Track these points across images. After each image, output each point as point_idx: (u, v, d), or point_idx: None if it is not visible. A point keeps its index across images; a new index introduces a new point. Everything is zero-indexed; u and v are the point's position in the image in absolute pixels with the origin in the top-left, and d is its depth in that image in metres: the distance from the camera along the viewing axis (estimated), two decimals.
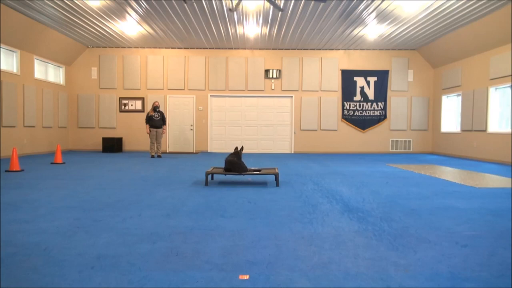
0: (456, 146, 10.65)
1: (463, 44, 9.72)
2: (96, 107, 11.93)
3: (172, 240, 2.51)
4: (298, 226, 2.89)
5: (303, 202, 3.85)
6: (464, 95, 10.27)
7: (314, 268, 2.01)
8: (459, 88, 10.56)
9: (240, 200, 3.94)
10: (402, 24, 9.12)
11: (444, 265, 2.07)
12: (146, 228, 2.79)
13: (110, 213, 3.29)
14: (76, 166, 7.35)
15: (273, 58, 11.94)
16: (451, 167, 7.60)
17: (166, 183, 5.15)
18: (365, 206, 3.68)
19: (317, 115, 12.00)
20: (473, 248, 2.38)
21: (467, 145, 10.11)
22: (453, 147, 10.79)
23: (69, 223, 2.92)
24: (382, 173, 6.50)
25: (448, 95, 11.22)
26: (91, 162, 8.15)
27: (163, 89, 11.94)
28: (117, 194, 4.23)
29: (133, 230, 2.72)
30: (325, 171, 6.77)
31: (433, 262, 2.12)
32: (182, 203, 3.76)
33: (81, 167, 7.08)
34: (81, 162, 8.10)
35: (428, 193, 4.44)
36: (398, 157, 10.27)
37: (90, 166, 7.40)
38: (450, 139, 10.98)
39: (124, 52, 11.91)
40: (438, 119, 11.71)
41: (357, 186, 4.97)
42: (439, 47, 10.74)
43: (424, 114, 12.04)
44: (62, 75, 11.52)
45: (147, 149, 11.89)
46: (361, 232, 2.72)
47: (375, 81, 11.96)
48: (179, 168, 7.21)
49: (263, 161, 8.76)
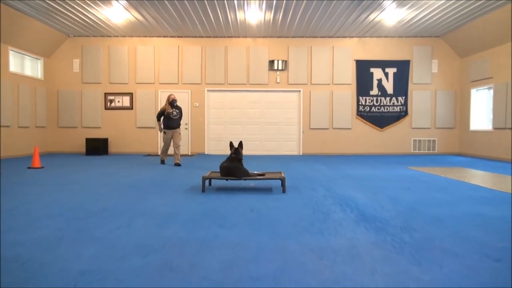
0: (487, 146, 10.61)
1: (494, 30, 9.69)
2: (79, 104, 12.00)
3: (166, 253, 2.52)
4: (307, 237, 2.90)
5: (313, 210, 3.86)
6: (497, 88, 10.23)
7: (325, 284, 2.02)
8: (490, 80, 10.52)
9: (241, 208, 3.95)
10: (424, 7, 9.11)
11: (474, 282, 2.07)
12: (136, 240, 2.80)
13: (96, 222, 3.31)
14: (57, 170, 7.39)
15: (278, 48, 11.95)
16: (481, 170, 7.58)
17: (158, 189, 5.16)
18: (383, 214, 3.68)
19: (329, 111, 12.00)
20: (507, 262, 2.38)
21: (500, 145, 10.06)
22: (484, 147, 10.74)
23: (50, 234, 2.94)
24: (403, 177, 6.48)
25: (478, 88, 11.18)
26: (73, 166, 8.18)
27: (154, 83, 11.98)
28: (104, 202, 4.25)
29: (122, 242, 2.74)
30: (337, 175, 6.76)
31: (460, 278, 2.12)
32: (176, 212, 3.77)
33: (62, 172, 7.12)
34: (63, 166, 8.14)
35: (454, 200, 4.43)
36: (420, 159, 10.24)
37: (73, 170, 7.42)
38: (480, 138, 10.94)
39: (110, 42, 11.96)
40: (466, 116, 11.67)
41: (374, 192, 4.96)
42: (467, 34, 10.71)
43: (450, 110, 12.01)
44: (40, 68, 11.60)
45: (136, 150, 11.93)
46: (379, 244, 2.72)
47: (394, 73, 11.94)
48: (173, 172, 7.22)
49: (267, 164, 8.77)
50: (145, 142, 11.99)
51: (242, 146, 5.33)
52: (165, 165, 8.41)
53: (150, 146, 12.00)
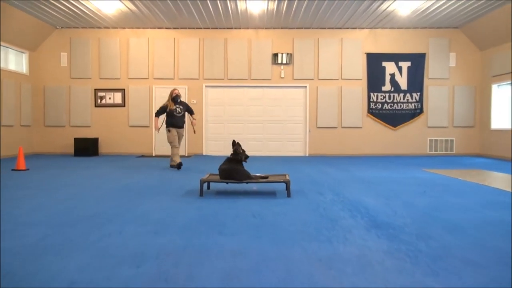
0: (510, 146, 10.57)
1: None
2: (67, 101, 12.03)
3: (161, 262, 2.52)
4: (313, 245, 2.90)
5: (320, 216, 3.86)
6: None
7: None
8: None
9: (242, 214, 3.95)
10: None
11: None
12: (128, 248, 2.80)
13: (85, 229, 3.31)
14: (43, 173, 7.41)
15: (282, 40, 11.95)
16: (503, 173, 7.55)
17: (153, 193, 5.17)
18: (396, 220, 3.67)
19: (337, 109, 11.98)
20: None
21: None
22: (506, 147, 10.70)
23: (36, 241, 2.95)
24: (418, 180, 6.48)
25: (500, 84, 11.14)
26: (61, 168, 8.19)
27: (148, 79, 12.00)
28: (93, 207, 4.26)
29: (113, 251, 2.74)
30: (346, 178, 6.77)
31: None
32: (172, 217, 3.78)
33: (49, 174, 7.14)
34: (49, 168, 8.16)
35: (474, 205, 4.42)
36: (437, 161, 10.22)
37: (60, 172, 7.44)
38: (503, 138, 10.89)
39: (100, 34, 11.99)
40: (487, 114, 11.63)
41: (386, 197, 4.96)
42: (488, 24, 10.68)
43: (469, 107, 11.97)
44: (25, 62, 11.63)
45: (128, 151, 11.95)
46: (392, 253, 2.71)
47: (409, 67, 11.91)
48: (169, 175, 7.23)
49: (270, 165, 8.77)
50: (138, 142, 12.00)
51: (240, 145, 5.30)
52: (160, 167, 8.41)
53: (143, 146, 12.02)
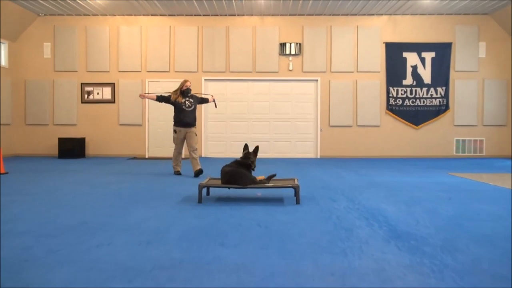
0: None
1: None
2: (50, 97, 12.08)
3: (155, 277, 2.52)
4: (326, 258, 2.89)
5: (333, 226, 3.85)
6: None
7: None
8: None
9: (246, 223, 3.95)
10: None
11: None
12: (119, 261, 2.81)
13: (71, 240, 3.32)
14: (25, 177, 7.44)
15: (291, 28, 11.95)
16: None
17: (146, 200, 5.18)
18: (419, 230, 3.66)
19: (352, 105, 11.96)
20: None
21: None
22: None
23: (16, 254, 2.95)
24: (443, 186, 6.46)
25: None
26: (44, 172, 8.22)
27: (141, 72, 12.03)
28: (80, 215, 4.27)
29: (101, 264, 2.74)
30: (363, 183, 6.75)
31: None
32: (167, 227, 3.78)
33: (31, 179, 7.16)
34: (31, 171, 8.20)
35: (505, 213, 4.40)
36: (464, 163, 10.18)
37: (44, 176, 7.46)
38: None
39: (87, 22, 12.04)
40: None
41: (407, 204, 4.95)
42: None
43: (501, 104, 11.91)
44: (5, 53, 11.69)
45: (119, 153, 11.98)
46: (414, 267, 2.70)
47: (433, 58, 11.87)
48: (164, 179, 7.23)
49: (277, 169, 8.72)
50: (129, 142, 12.03)
51: (257, 153, 5.30)
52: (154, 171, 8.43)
53: (135, 147, 12.04)
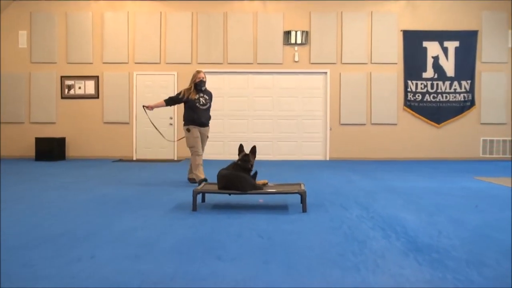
0: None
1: None
2: (26, 92, 12.09)
3: None
4: (336, 273, 2.88)
5: (345, 237, 3.84)
6: None
7: None
8: None
9: (246, 233, 3.95)
10: None
11: None
12: (102, 277, 2.80)
13: (49, 252, 3.31)
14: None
15: (296, 14, 11.95)
16: None
17: (134, 207, 5.18)
18: (441, 242, 3.65)
19: (366, 101, 11.96)
20: None
21: None
22: None
23: None
24: (468, 191, 6.46)
25: None
26: (19, 176, 8.22)
27: (128, 63, 12.03)
28: (59, 224, 4.27)
29: (81, 280, 2.73)
30: (377, 188, 6.75)
31: None
32: (158, 237, 3.78)
33: (5, 184, 7.11)
34: (5, 175, 8.16)
35: None
36: (492, 166, 10.18)
37: (19, 181, 7.46)
38: None
39: (67, 7, 12.05)
40: None
41: (428, 212, 4.94)
42: None
43: None
44: None
45: (103, 154, 11.96)
46: (436, 283, 2.70)
47: (457, 48, 11.86)
48: (153, 184, 7.24)
49: (281, 172, 8.75)
50: (115, 142, 12.01)
51: (255, 154, 5.29)
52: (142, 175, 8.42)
53: (122, 148, 12.03)
